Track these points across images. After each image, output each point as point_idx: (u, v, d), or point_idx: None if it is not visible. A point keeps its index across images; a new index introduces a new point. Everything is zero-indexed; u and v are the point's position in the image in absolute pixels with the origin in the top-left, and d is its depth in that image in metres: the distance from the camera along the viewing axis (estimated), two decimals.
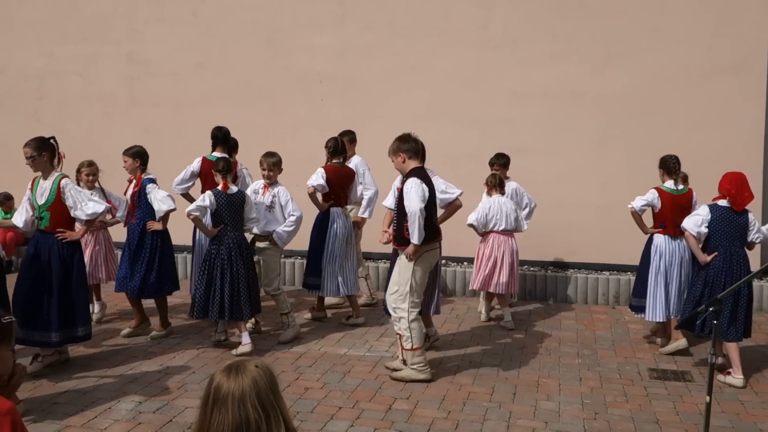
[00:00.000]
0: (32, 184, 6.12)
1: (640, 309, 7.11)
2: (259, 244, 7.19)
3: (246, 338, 6.66)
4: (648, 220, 7.14)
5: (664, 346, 6.96)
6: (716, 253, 6.30)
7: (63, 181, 5.98)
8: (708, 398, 3.67)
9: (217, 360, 6.54)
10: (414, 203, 5.84)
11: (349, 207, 7.85)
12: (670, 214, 6.91)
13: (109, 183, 7.79)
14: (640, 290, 7.10)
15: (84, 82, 10.77)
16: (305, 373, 6.21)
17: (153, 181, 7.12)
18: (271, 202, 7.16)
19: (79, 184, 7.03)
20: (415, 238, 5.88)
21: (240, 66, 10.20)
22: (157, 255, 7.06)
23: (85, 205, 6.02)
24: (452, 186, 6.87)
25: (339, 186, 7.53)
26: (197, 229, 7.32)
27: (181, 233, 8.05)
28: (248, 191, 7.17)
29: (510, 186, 8.03)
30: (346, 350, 6.87)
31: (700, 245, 6.39)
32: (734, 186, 6.30)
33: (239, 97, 10.13)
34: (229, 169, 6.83)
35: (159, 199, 6.95)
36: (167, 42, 10.45)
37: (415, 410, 5.46)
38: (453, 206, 6.85)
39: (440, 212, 6.76)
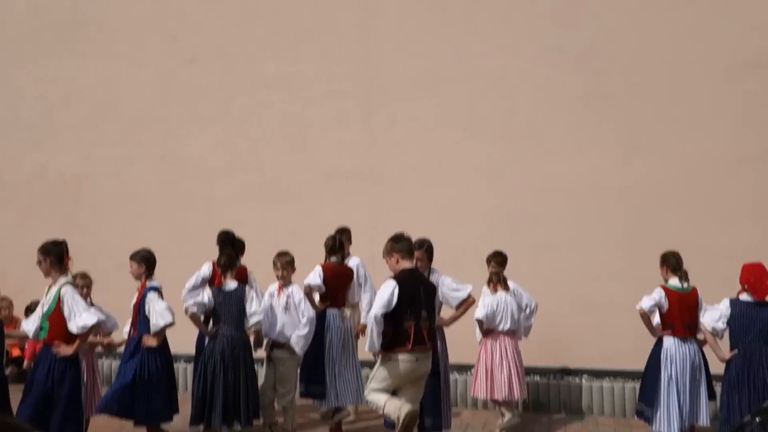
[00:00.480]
0: (47, 290, 5.97)
1: (648, 419, 6.69)
2: (277, 353, 7.05)
3: None
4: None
5: None
6: (735, 351, 6.00)
7: (63, 289, 5.77)
8: None
9: None
10: (373, 308, 5.77)
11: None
12: (678, 314, 6.59)
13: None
14: (649, 396, 6.67)
15: (119, 184, 11.03)
16: None
17: (156, 290, 6.79)
18: (287, 303, 7.06)
19: None
20: (367, 344, 5.80)
21: (268, 166, 10.35)
22: (147, 375, 6.53)
23: (78, 316, 5.70)
24: (461, 284, 6.72)
25: (336, 286, 7.37)
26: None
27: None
28: (265, 294, 7.10)
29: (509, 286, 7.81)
30: None
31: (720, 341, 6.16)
32: (752, 275, 6.06)
33: (267, 197, 10.25)
34: (229, 265, 6.76)
35: (158, 311, 6.55)
36: (199, 141, 10.68)
37: None
38: (467, 303, 6.69)
39: (449, 312, 6.68)
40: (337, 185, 10.04)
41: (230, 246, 7.79)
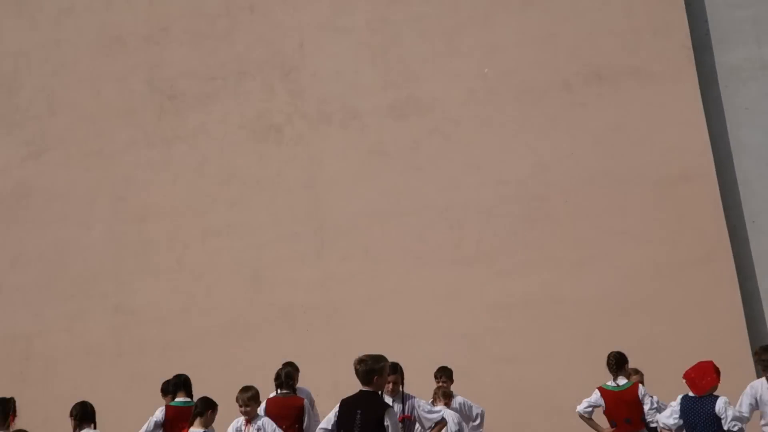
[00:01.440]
0: None
1: None
2: None
3: None
4: None
5: None
6: None
7: None
8: None
9: None
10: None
11: None
12: (615, 411, 6.89)
13: None
14: None
15: (71, 338, 10.83)
16: None
17: None
18: None
19: None
20: None
21: (225, 305, 10.38)
22: None
23: None
24: (435, 407, 6.79)
25: (281, 417, 7.28)
26: None
27: None
28: (229, 429, 6.97)
29: (457, 400, 7.87)
30: None
31: None
32: (695, 370, 6.25)
33: (226, 335, 10.20)
34: (201, 412, 6.72)
35: None
36: (152, 290, 10.69)
37: None
38: (440, 425, 6.62)
39: None
40: (294, 319, 10.08)
41: (184, 386, 7.83)
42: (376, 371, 6.04)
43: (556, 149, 9.88)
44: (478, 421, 7.90)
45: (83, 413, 6.83)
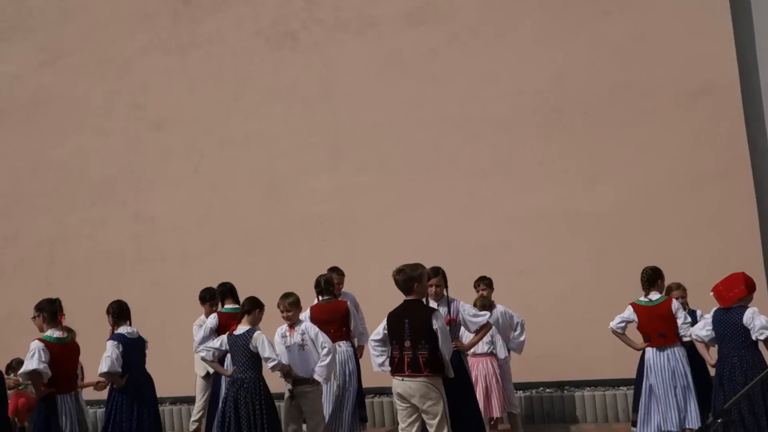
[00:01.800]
0: None
1: (635, 423, 6.99)
2: (300, 388, 6.98)
3: None
4: None
5: None
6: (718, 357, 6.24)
7: (33, 342, 6.17)
8: None
9: None
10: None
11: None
12: (648, 326, 6.94)
13: None
14: (635, 405, 7.03)
15: (93, 244, 11.05)
16: None
17: (114, 338, 7.03)
18: (302, 340, 7.02)
19: None
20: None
21: (242, 216, 10.50)
22: (115, 412, 6.91)
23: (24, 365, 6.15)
24: (480, 311, 6.86)
25: (326, 322, 7.48)
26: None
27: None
28: (277, 336, 7.07)
29: (498, 309, 7.96)
30: None
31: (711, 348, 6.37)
32: (724, 283, 6.29)
33: (243, 246, 10.36)
34: (249, 310, 6.81)
35: (103, 358, 6.88)
36: (171, 199, 10.81)
37: None
38: (485, 329, 6.71)
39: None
40: (310, 230, 10.19)
41: (231, 294, 8.12)
42: (415, 278, 6.13)
43: (575, 60, 9.66)
44: (518, 331, 7.99)
45: (120, 311, 7.22)
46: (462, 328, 6.75)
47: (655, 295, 7.03)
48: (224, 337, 6.78)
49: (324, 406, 7.33)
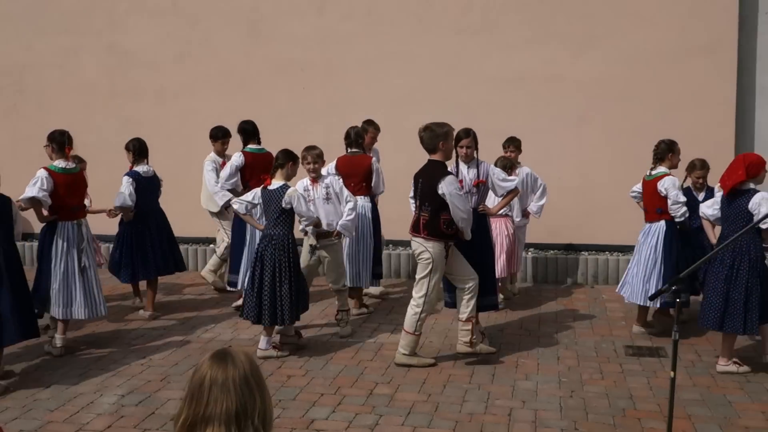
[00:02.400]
0: None
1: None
2: (323, 242, 6.92)
3: (263, 343, 6.44)
4: None
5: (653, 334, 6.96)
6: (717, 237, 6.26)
7: (39, 171, 6.46)
8: (672, 373, 3.80)
9: (201, 351, 6.62)
10: None
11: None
12: (647, 200, 6.99)
13: (91, 175, 7.79)
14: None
15: (64, 74, 10.75)
16: (288, 361, 6.32)
17: (130, 174, 7.57)
18: (327, 194, 6.94)
19: None
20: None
21: (221, 56, 10.23)
22: (121, 241, 7.67)
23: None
24: (509, 176, 6.87)
25: (349, 175, 7.45)
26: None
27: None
28: (299, 189, 6.83)
29: (523, 171, 7.90)
30: (328, 337, 6.97)
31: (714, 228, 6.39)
32: (727, 170, 6.07)
33: (221, 87, 10.16)
34: (282, 164, 6.49)
35: (118, 192, 7.51)
36: (148, 32, 10.45)
37: (395, 394, 5.59)
38: (513, 193, 6.72)
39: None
40: (291, 76, 9.99)
41: (253, 135, 7.98)
42: (441, 137, 6.12)
43: None
44: (539, 192, 7.97)
45: (140, 148, 7.70)
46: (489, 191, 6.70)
47: (660, 169, 6.84)
48: (258, 191, 6.56)
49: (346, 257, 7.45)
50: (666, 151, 6.86)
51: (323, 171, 7.18)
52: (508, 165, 7.64)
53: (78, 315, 6.54)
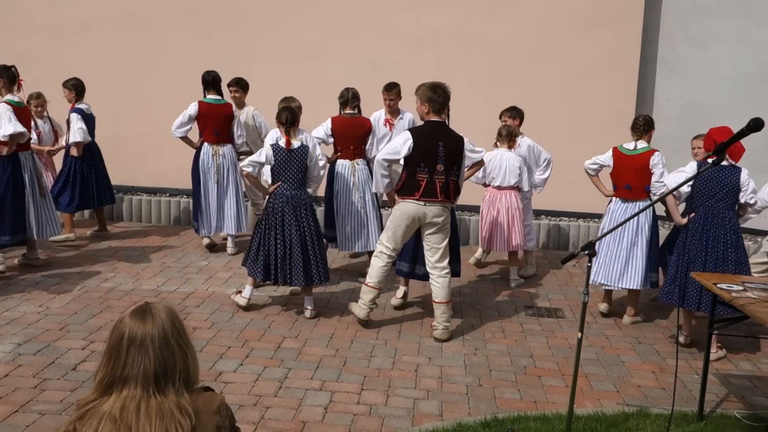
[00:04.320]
0: None
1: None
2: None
3: (247, 292, 6.35)
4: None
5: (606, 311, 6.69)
6: (693, 214, 5.89)
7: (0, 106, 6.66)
8: (579, 334, 3.93)
9: (101, 301, 6.39)
10: (381, 152, 5.95)
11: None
12: (619, 175, 6.53)
13: None
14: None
15: None
16: (193, 313, 6.19)
17: (78, 111, 7.98)
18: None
19: None
20: (373, 185, 6.26)
21: None
22: (72, 175, 8.08)
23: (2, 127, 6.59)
24: (477, 146, 6.57)
25: (347, 137, 7.26)
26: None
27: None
28: (267, 139, 6.74)
29: (526, 142, 7.56)
30: (233, 289, 6.87)
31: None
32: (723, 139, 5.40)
33: (122, 27, 9.68)
34: (293, 121, 6.24)
35: (74, 130, 7.86)
36: None
37: (303, 348, 5.58)
38: (478, 165, 6.67)
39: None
40: (196, 21, 9.63)
41: (213, 85, 7.80)
42: (449, 99, 6.03)
43: None
44: (543, 165, 7.66)
45: (81, 87, 8.10)
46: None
47: (641, 144, 6.47)
48: (270, 150, 6.18)
49: (347, 223, 7.35)
50: (649, 126, 6.47)
51: (320, 132, 7.21)
52: (509, 134, 7.40)
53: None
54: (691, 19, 9.24)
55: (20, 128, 6.65)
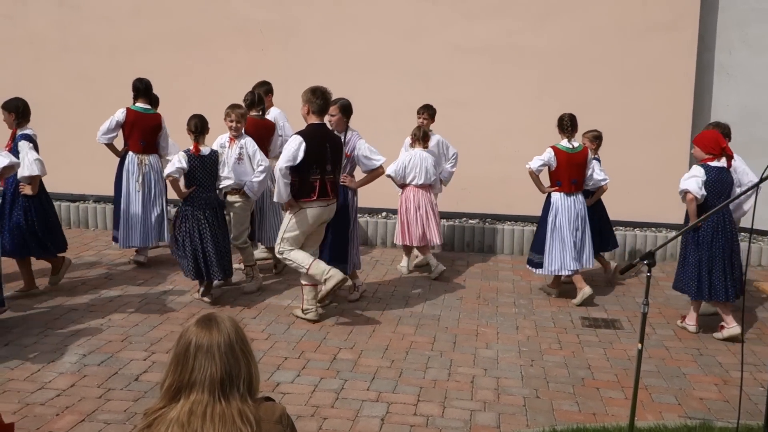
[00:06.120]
0: None
1: (538, 265, 7.24)
2: (230, 198, 7.09)
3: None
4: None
5: (556, 296, 7.33)
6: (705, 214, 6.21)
7: None
8: (640, 345, 3.87)
9: (160, 312, 6.53)
10: (279, 161, 6.14)
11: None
12: (565, 172, 7.07)
13: (40, 133, 7.49)
14: (538, 246, 7.23)
15: (12, 25, 10.33)
16: (250, 325, 6.27)
17: (28, 138, 6.62)
18: (239, 154, 7.01)
19: None
20: (275, 195, 6.30)
21: (177, 12, 9.94)
22: (33, 217, 6.60)
23: None
24: (376, 153, 6.78)
25: (258, 138, 7.40)
26: None
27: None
28: (214, 145, 7.04)
29: (434, 138, 8.07)
30: (289, 301, 6.93)
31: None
32: (715, 142, 6.23)
33: (177, 45, 9.90)
34: (203, 129, 6.66)
35: (27, 163, 6.41)
36: None
37: (359, 360, 5.61)
38: (375, 173, 6.83)
39: (361, 176, 6.90)
40: (249, 37, 9.79)
41: (144, 93, 7.86)
42: (331, 103, 6.36)
43: None
44: (452, 162, 8.18)
45: (25, 109, 6.72)
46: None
47: (576, 142, 7.18)
48: (183, 156, 6.62)
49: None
50: (576, 124, 7.16)
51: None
52: (419, 134, 7.85)
53: None
54: (749, 22, 9.05)
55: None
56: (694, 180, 6.14)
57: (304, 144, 6.04)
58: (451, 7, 9.38)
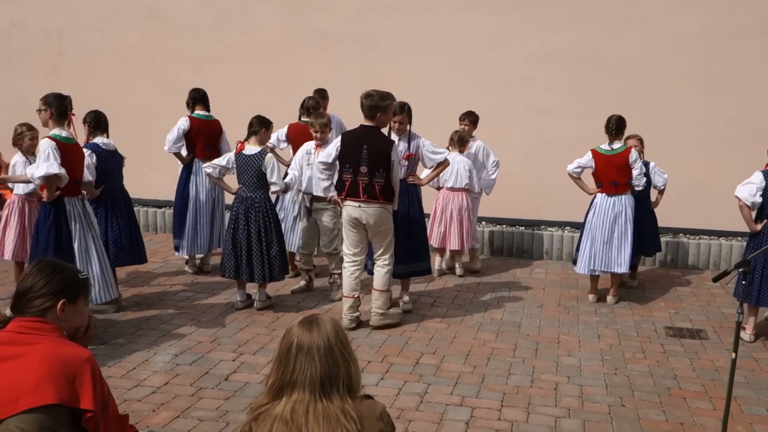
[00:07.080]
0: None
1: (575, 262, 7.52)
2: (317, 205, 7.24)
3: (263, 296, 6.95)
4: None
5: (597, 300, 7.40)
6: (766, 220, 6.26)
7: (42, 141, 5.75)
8: (733, 355, 3.83)
9: (246, 315, 6.71)
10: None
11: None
12: (603, 173, 7.18)
13: (129, 141, 7.82)
14: (579, 244, 7.45)
15: (103, 38, 10.79)
16: None
17: (88, 146, 6.61)
18: None
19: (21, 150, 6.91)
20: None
21: (259, 24, 10.22)
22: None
23: (37, 167, 5.66)
24: (438, 147, 6.90)
25: (300, 143, 7.54)
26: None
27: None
28: (301, 152, 7.23)
29: (475, 144, 8.17)
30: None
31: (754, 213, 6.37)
32: None
33: (258, 55, 10.17)
34: (256, 130, 6.79)
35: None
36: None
37: (441, 365, 5.66)
38: (443, 165, 6.92)
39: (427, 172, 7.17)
40: (329, 47, 9.98)
41: (202, 101, 8.03)
42: (381, 108, 6.25)
43: None
44: (492, 169, 8.25)
45: (96, 121, 6.77)
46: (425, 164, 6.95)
47: (616, 144, 7.20)
48: (231, 156, 6.82)
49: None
50: (622, 126, 7.17)
51: (273, 137, 7.61)
52: (456, 138, 7.95)
53: None
54: None
55: (60, 170, 5.63)
56: (748, 187, 6.22)
57: (339, 143, 6.31)
58: (532, 14, 9.35)
